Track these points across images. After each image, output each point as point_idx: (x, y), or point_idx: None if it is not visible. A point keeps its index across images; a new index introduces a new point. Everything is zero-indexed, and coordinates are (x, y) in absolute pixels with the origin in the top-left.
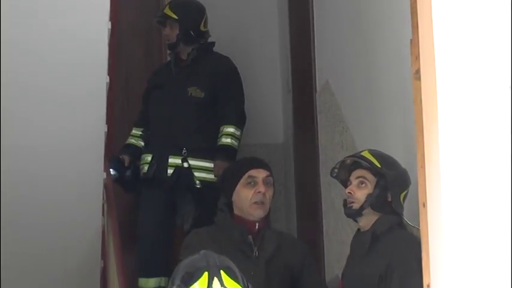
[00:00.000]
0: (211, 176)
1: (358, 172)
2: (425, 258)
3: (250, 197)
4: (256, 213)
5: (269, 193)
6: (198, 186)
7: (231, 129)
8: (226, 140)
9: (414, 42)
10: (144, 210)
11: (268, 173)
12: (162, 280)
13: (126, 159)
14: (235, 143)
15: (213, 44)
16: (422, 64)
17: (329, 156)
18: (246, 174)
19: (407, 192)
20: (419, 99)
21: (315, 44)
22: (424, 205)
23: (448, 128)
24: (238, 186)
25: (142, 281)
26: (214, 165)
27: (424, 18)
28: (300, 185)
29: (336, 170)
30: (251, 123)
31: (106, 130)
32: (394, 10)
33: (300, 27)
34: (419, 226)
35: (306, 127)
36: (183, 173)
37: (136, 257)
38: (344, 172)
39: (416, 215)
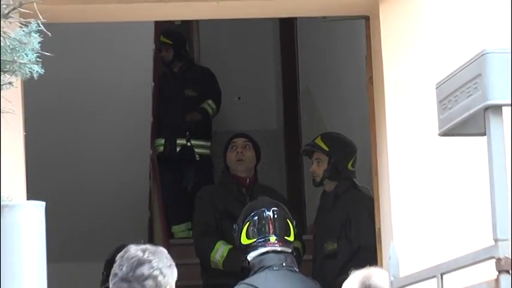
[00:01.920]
0: (207, 151)
1: (316, 155)
2: (377, 206)
3: (233, 157)
4: (238, 168)
5: (247, 153)
6: (198, 159)
7: (209, 101)
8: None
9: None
10: (163, 177)
11: (246, 139)
12: (188, 224)
13: None
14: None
15: (193, 61)
16: (374, 72)
17: (309, 139)
18: (231, 143)
19: (355, 159)
20: (372, 97)
21: (299, 61)
22: (376, 173)
23: (393, 118)
24: (227, 152)
25: (174, 227)
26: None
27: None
28: (289, 160)
29: (302, 152)
30: (252, 114)
31: (152, 120)
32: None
33: (288, 51)
34: (368, 187)
35: (293, 118)
36: (187, 150)
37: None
38: (308, 154)
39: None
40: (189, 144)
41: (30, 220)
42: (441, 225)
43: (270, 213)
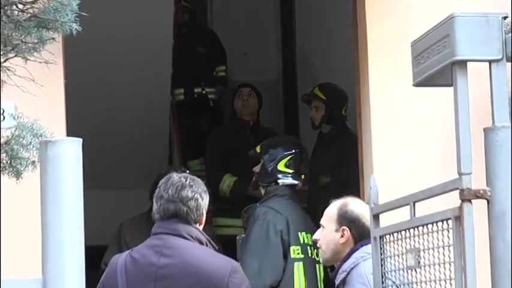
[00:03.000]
0: (216, 96)
1: (314, 103)
2: (360, 144)
3: (240, 103)
4: (244, 112)
5: (251, 100)
6: (211, 104)
7: (222, 67)
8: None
9: None
10: (181, 120)
11: (250, 89)
12: (201, 159)
13: None
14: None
15: (205, 24)
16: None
17: (306, 89)
18: (238, 91)
19: (347, 106)
20: (357, 52)
21: (296, 20)
22: (360, 116)
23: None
24: (235, 99)
25: (190, 162)
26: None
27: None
28: (286, 106)
29: (302, 100)
30: (255, 67)
31: (171, 72)
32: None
33: (286, 11)
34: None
35: (290, 70)
36: (202, 97)
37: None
38: (307, 102)
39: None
40: (204, 92)
41: (69, 154)
42: (415, 162)
43: (305, 155)
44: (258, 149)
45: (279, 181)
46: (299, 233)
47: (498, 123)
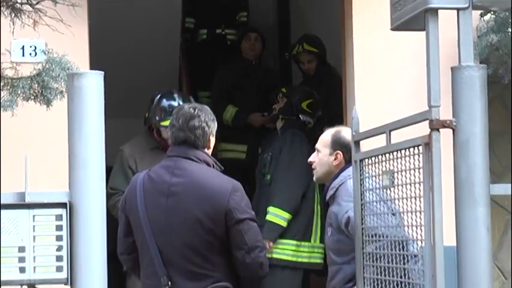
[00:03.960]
0: (235, 38)
1: (306, 57)
2: (344, 81)
3: (248, 46)
4: (250, 53)
5: (257, 44)
6: (229, 43)
7: (244, 13)
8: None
9: None
10: (201, 57)
11: (257, 34)
12: (210, 92)
13: None
14: (246, 18)
15: None
16: None
17: (298, 33)
18: (246, 35)
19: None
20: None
21: None
22: (344, 59)
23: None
24: (243, 41)
25: (199, 93)
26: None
27: None
28: (280, 48)
29: (295, 60)
30: (256, 12)
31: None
32: None
33: None
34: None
35: (285, 16)
36: (222, 37)
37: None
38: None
39: None
40: (223, 32)
41: (92, 85)
42: (392, 97)
43: (319, 103)
44: (284, 89)
45: (300, 116)
46: None
47: (464, 62)
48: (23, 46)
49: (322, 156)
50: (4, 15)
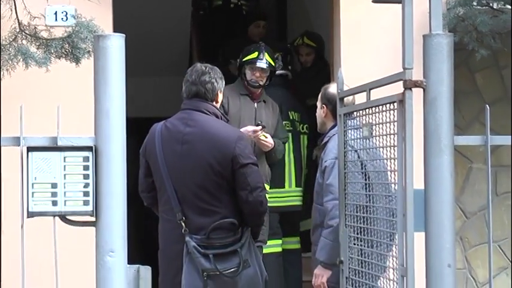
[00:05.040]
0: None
1: (305, 50)
2: (331, 51)
3: (256, 31)
4: (256, 38)
5: (263, 31)
6: (244, 13)
7: None
8: None
9: None
10: (215, 24)
11: (265, 22)
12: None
13: None
14: None
15: None
16: None
17: (292, 21)
18: (256, 22)
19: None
20: None
21: None
22: (332, 40)
23: None
24: (252, 27)
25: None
26: None
27: None
28: (281, 21)
29: (294, 51)
30: None
31: None
32: None
33: None
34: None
35: (282, 5)
36: (238, 7)
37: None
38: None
39: None
40: (239, 3)
41: (115, 46)
42: (372, 60)
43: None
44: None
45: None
46: (289, 111)
47: (434, 31)
48: (56, 11)
49: (317, 109)
50: None
